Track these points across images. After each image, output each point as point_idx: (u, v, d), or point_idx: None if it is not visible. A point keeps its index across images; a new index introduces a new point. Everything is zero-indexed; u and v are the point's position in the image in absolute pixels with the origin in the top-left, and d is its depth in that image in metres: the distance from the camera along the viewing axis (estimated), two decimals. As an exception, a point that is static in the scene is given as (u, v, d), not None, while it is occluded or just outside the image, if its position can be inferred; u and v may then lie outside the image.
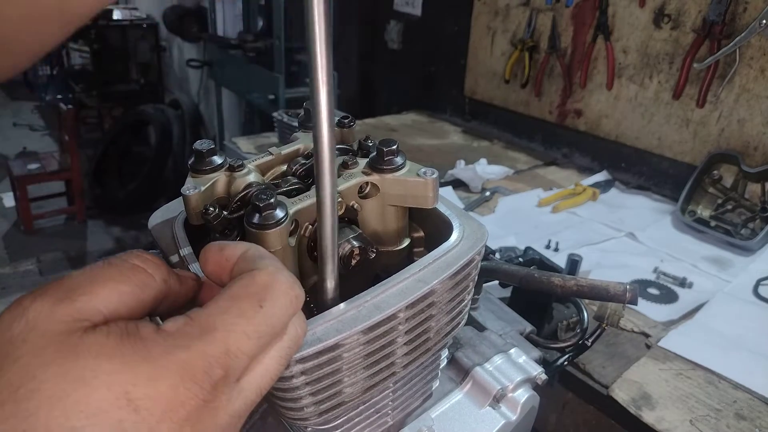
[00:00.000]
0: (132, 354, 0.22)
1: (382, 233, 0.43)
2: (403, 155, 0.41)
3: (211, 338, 0.24)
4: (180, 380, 0.22)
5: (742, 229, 1.36)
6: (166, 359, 0.22)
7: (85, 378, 0.21)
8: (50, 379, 0.21)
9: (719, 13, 1.38)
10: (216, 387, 0.23)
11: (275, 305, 0.26)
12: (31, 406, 0.20)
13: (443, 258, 0.38)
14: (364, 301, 0.34)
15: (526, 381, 0.54)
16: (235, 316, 0.25)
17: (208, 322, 0.24)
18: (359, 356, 0.34)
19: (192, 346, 0.23)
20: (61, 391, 0.20)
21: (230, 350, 0.24)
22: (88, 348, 0.22)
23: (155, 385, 0.22)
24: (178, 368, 0.23)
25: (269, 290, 0.26)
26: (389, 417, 0.45)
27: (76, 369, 0.21)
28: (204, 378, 0.23)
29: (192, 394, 0.23)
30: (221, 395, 0.24)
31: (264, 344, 0.26)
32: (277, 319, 0.26)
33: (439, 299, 0.38)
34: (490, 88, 2.13)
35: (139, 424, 0.21)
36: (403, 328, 0.36)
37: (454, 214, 0.42)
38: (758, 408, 0.85)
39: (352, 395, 0.36)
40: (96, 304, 0.24)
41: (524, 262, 0.95)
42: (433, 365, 0.47)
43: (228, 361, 0.24)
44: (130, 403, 0.21)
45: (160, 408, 0.22)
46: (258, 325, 0.25)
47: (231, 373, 0.24)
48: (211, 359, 0.23)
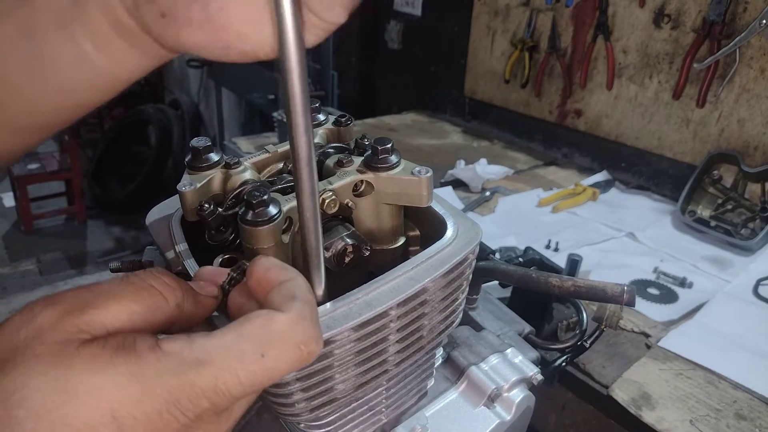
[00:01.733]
0: (123, 371, 0.22)
1: (377, 231, 0.43)
2: (398, 154, 0.41)
3: (204, 371, 0.24)
4: (165, 405, 0.23)
5: (742, 229, 1.35)
6: (155, 382, 0.23)
7: (76, 392, 0.21)
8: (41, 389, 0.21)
9: (719, 13, 1.38)
10: (200, 417, 0.24)
11: (279, 358, 0.25)
12: (20, 415, 0.21)
13: (436, 256, 0.38)
14: (356, 299, 0.33)
15: (521, 381, 0.53)
16: (233, 357, 0.24)
17: (204, 353, 0.24)
18: (350, 353, 0.34)
19: (183, 374, 0.23)
20: (51, 403, 0.21)
21: (218, 389, 0.24)
22: (81, 360, 0.22)
23: (141, 407, 0.22)
24: (165, 393, 0.23)
25: (280, 341, 0.25)
26: (383, 415, 0.45)
27: (68, 381, 0.21)
28: (188, 407, 0.23)
29: (174, 419, 0.23)
30: (203, 424, 0.24)
31: (254, 392, 0.25)
32: (276, 372, 0.25)
33: (432, 297, 0.38)
34: (490, 88, 2.13)
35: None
36: (395, 325, 0.36)
37: (449, 213, 0.42)
38: (758, 408, 0.84)
39: (343, 392, 0.36)
40: (103, 319, 0.24)
41: (524, 262, 0.95)
42: (427, 364, 0.47)
43: (215, 397, 0.24)
44: (114, 421, 0.22)
45: (142, 429, 0.22)
46: (253, 374, 0.24)
47: (216, 407, 0.24)
48: (198, 391, 0.23)
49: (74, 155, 3.57)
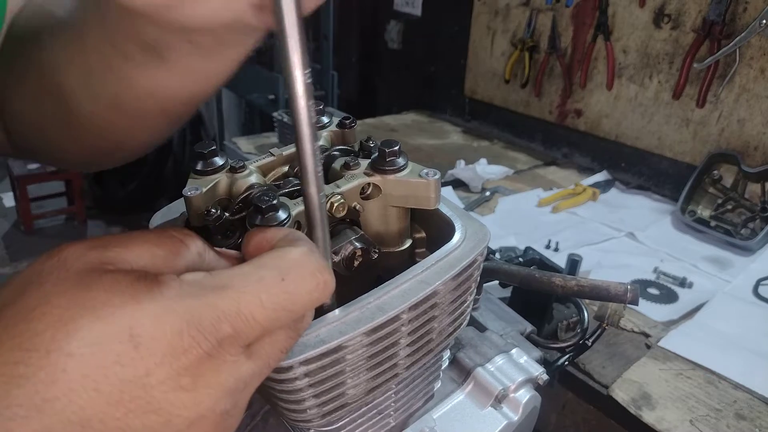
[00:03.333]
0: (144, 293, 0.22)
1: (384, 234, 0.43)
2: (405, 156, 0.41)
3: (225, 294, 0.23)
4: (186, 326, 0.22)
5: (742, 229, 1.36)
6: (175, 303, 0.22)
7: (94, 308, 0.21)
8: (62, 306, 0.21)
9: (719, 13, 1.39)
10: (222, 343, 0.23)
11: (298, 284, 0.25)
12: (39, 327, 0.21)
13: (446, 259, 0.38)
14: (367, 303, 0.34)
15: (527, 381, 0.54)
16: (253, 281, 0.24)
17: (225, 280, 0.24)
18: (362, 358, 0.34)
19: (204, 297, 0.23)
20: (69, 318, 0.21)
21: (241, 311, 0.23)
22: (103, 283, 0.22)
23: (160, 326, 0.22)
24: (185, 314, 0.22)
25: (296, 267, 0.25)
26: (391, 418, 0.46)
27: (87, 299, 0.22)
28: (210, 330, 0.23)
29: (195, 343, 0.22)
30: (226, 354, 0.23)
31: (277, 319, 0.25)
32: (298, 297, 0.25)
33: (442, 300, 0.38)
34: (490, 88, 2.13)
35: (137, 361, 0.21)
36: (406, 329, 0.36)
37: (456, 215, 0.42)
38: (758, 408, 0.85)
39: (355, 396, 0.36)
40: (126, 256, 0.24)
41: (524, 262, 0.95)
42: (435, 366, 0.47)
43: (238, 322, 0.23)
44: (132, 339, 0.21)
45: (161, 350, 0.22)
46: (275, 296, 0.24)
47: (240, 336, 0.23)
48: (220, 313, 0.23)
49: (73, 155, 3.56)
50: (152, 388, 0.21)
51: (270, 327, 0.25)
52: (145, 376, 0.21)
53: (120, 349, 0.21)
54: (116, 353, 0.21)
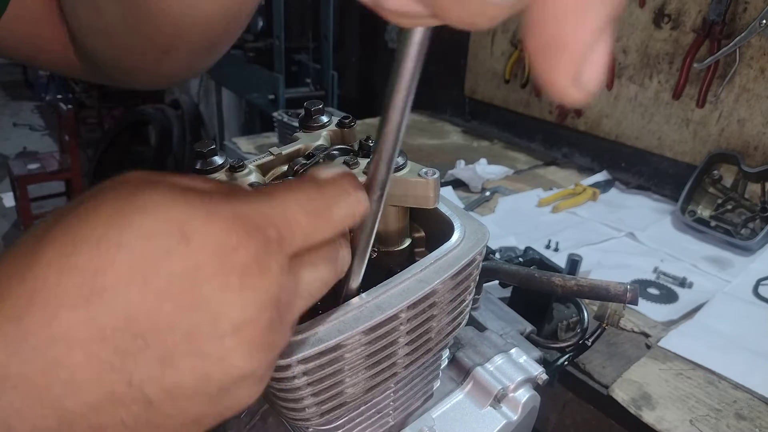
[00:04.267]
0: (195, 197, 0.23)
1: (383, 233, 0.43)
2: (404, 155, 0.41)
3: (271, 201, 0.24)
4: (234, 226, 0.23)
5: (742, 229, 1.36)
6: (224, 206, 0.23)
7: (146, 206, 0.22)
8: (117, 205, 0.22)
9: (719, 13, 1.38)
10: (268, 246, 0.23)
11: (335, 194, 0.26)
12: (93, 222, 0.21)
13: (445, 258, 0.38)
14: (366, 302, 0.34)
15: (527, 381, 0.54)
16: (296, 191, 0.25)
17: (269, 190, 0.25)
18: (361, 356, 0.34)
19: (251, 203, 0.24)
20: (122, 214, 0.22)
21: (287, 216, 0.24)
22: (158, 187, 0.23)
23: (210, 224, 0.22)
24: (234, 216, 0.23)
25: (332, 181, 0.27)
26: (390, 417, 0.46)
27: (141, 200, 0.22)
28: (257, 232, 0.23)
29: (244, 243, 0.23)
30: (272, 259, 0.24)
31: (317, 227, 0.26)
32: (335, 206, 0.26)
33: (441, 299, 0.38)
34: (490, 88, 2.13)
35: (187, 255, 0.21)
36: (405, 328, 0.36)
37: (455, 215, 0.42)
38: (758, 408, 0.85)
39: (353, 396, 0.36)
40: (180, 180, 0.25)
41: (524, 262, 0.95)
42: (434, 365, 0.47)
43: (283, 225, 0.24)
44: (183, 235, 0.22)
45: (210, 247, 0.22)
46: (315, 202, 0.25)
47: (284, 241, 0.24)
48: (267, 218, 0.24)
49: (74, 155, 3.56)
50: (201, 283, 0.22)
51: (311, 235, 0.25)
52: (194, 270, 0.22)
53: (171, 244, 0.21)
54: (167, 247, 0.21)
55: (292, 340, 0.31)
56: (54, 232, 0.22)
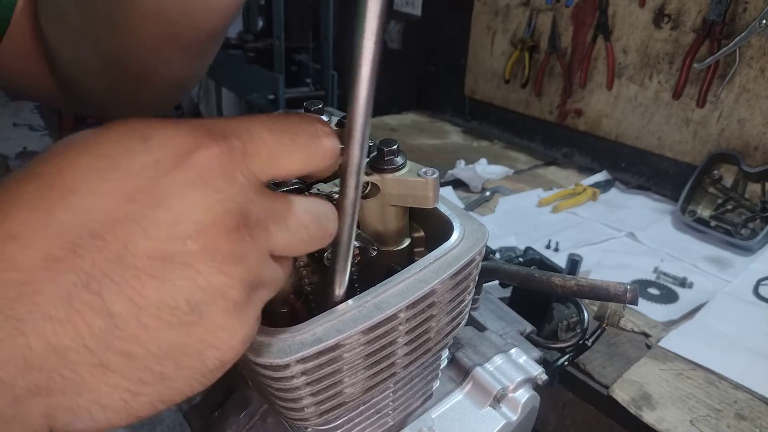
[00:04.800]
0: (160, 119, 0.24)
1: (383, 233, 0.43)
2: (404, 155, 0.41)
3: (236, 118, 0.25)
4: (194, 131, 0.23)
5: (743, 229, 1.36)
6: (188, 122, 0.24)
7: (111, 126, 0.23)
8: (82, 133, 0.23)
9: (719, 13, 1.38)
10: (232, 153, 0.23)
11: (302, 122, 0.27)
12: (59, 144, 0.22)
13: (444, 258, 0.38)
14: (365, 301, 0.34)
15: (526, 381, 0.54)
16: (260, 115, 0.26)
17: (234, 116, 0.26)
18: (360, 356, 0.34)
19: (212, 120, 0.25)
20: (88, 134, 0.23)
21: (250, 131, 0.24)
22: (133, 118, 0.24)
23: (169, 129, 0.23)
24: (196, 125, 0.23)
25: (298, 116, 0.28)
26: (390, 417, 0.45)
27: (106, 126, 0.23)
28: (220, 138, 0.23)
29: (205, 144, 0.22)
30: (237, 168, 0.23)
31: (283, 144, 0.26)
32: (300, 130, 0.26)
33: (440, 299, 0.38)
34: (490, 88, 2.13)
35: (145, 152, 0.22)
36: (404, 328, 0.36)
37: (455, 214, 0.42)
38: (759, 408, 0.85)
39: (352, 395, 0.36)
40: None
41: (524, 262, 0.95)
42: (433, 365, 0.47)
43: (248, 137, 0.24)
44: (143, 137, 0.22)
45: (170, 144, 0.22)
46: (281, 125, 0.26)
47: (249, 153, 0.24)
48: (227, 129, 0.24)
49: (73, 155, 3.56)
50: (159, 179, 0.21)
51: (276, 154, 0.25)
52: (153, 166, 0.21)
53: (130, 144, 0.22)
54: (126, 147, 0.22)
55: (291, 340, 0.31)
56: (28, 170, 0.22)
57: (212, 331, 0.22)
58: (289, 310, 0.38)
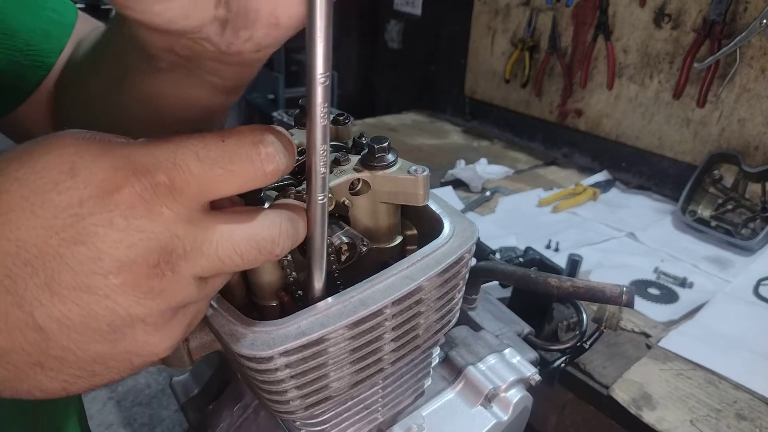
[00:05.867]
0: (94, 141, 0.24)
1: (374, 230, 0.43)
2: (395, 152, 0.41)
3: (163, 145, 0.24)
4: (121, 165, 0.23)
5: (743, 229, 1.35)
6: (117, 147, 0.24)
7: (48, 145, 0.23)
8: (20, 147, 0.23)
9: (719, 13, 1.38)
10: (157, 189, 0.23)
11: (237, 145, 0.25)
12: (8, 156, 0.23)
13: (432, 255, 0.38)
14: (350, 297, 0.33)
15: (519, 381, 0.53)
16: (195, 139, 0.25)
17: (167, 138, 0.25)
18: (345, 351, 0.34)
19: (144, 147, 0.24)
20: (24, 152, 0.23)
21: (177, 162, 0.24)
22: (62, 134, 0.24)
23: (99, 162, 0.23)
24: (123, 157, 0.23)
25: (239, 133, 0.26)
26: (379, 414, 0.45)
27: (43, 142, 0.23)
28: (145, 172, 0.23)
29: (129, 183, 0.23)
30: (162, 204, 0.23)
31: (214, 176, 0.24)
32: (236, 157, 0.25)
33: (428, 296, 0.38)
34: (490, 87, 2.13)
35: (72, 190, 0.22)
36: (390, 324, 0.36)
37: (445, 212, 0.42)
38: (759, 408, 0.84)
39: (339, 390, 0.36)
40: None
41: (524, 262, 0.95)
42: (424, 363, 0.47)
43: (173, 171, 0.24)
44: (71, 170, 0.22)
45: (95, 182, 0.22)
46: (212, 151, 0.24)
47: (174, 187, 0.24)
48: (155, 160, 0.24)
49: (76, 156, 3.57)
50: (83, 218, 0.22)
51: (208, 186, 0.25)
52: (78, 205, 0.22)
53: (59, 178, 0.22)
54: (55, 181, 0.22)
55: (275, 333, 0.31)
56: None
57: (136, 345, 0.25)
58: (278, 304, 0.38)
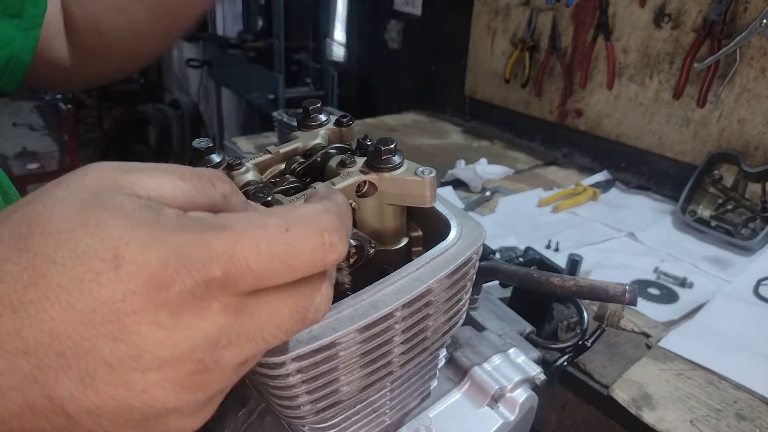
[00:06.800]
0: (141, 220, 0.21)
1: (380, 232, 0.43)
2: (401, 154, 0.41)
3: (222, 234, 0.22)
4: (173, 258, 0.21)
5: (743, 229, 1.35)
6: (169, 234, 0.21)
7: (88, 223, 0.21)
8: (63, 216, 0.21)
9: (719, 13, 1.38)
10: (209, 286, 0.21)
11: (302, 238, 0.23)
12: (36, 231, 0.21)
13: (440, 257, 0.38)
14: (361, 300, 0.33)
15: (524, 381, 0.53)
16: (254, 227, 0.23)
17: (227, 221, 0.23)
18: (356, 355, 0.34)
19: (199, 233, 0.22)
20: (64, 228, 0.21)
21: (235, 255, 0.22)
22: (109, 203, 0.22)
23: (145, 253, 0.21)
24: (175, 246, 0.21)
25: (303, 221, 0.23)
26: (387, 416, 0.45)
27: (88, 215, 0.21)
28: (198, 267, 0.21)
29: (180, 279, 0.21)
30: (213, 299, 0.22)
31: (274, 271, 0.23)
32: (299, 251, 0.23)
33: (437, 298, 0.38)
34: (490, 87, 2.13)
35: (115, 283, 0.20)
36: (400, 327, 0.36)
37: (452, 214, 0.42)
38: (759, 408, 0.85)
39: (349, 394, 0.36)
40: (146, 183, 0.23)
41: (524, 262, 0.95)
42: (431, 365, 0.47)
43: (230, 265, 0.21)
44: (114, 260, 0.20)
45: (141, 278, 0.20)
46: (274, 245, 0.22)
47: (229, 282, 0.22)
48: (212, 253, 0.21)
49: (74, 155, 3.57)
50: (126, 316, 0.20)
51: (265, 279, 0.23)
52: (120, 301, 0.20)
53: (100, 268, 0.20)
54: (96, 271, 0.20)
55: None
56: (3, 228, 0.22)
57: (167, 429, 0.24)
58: None
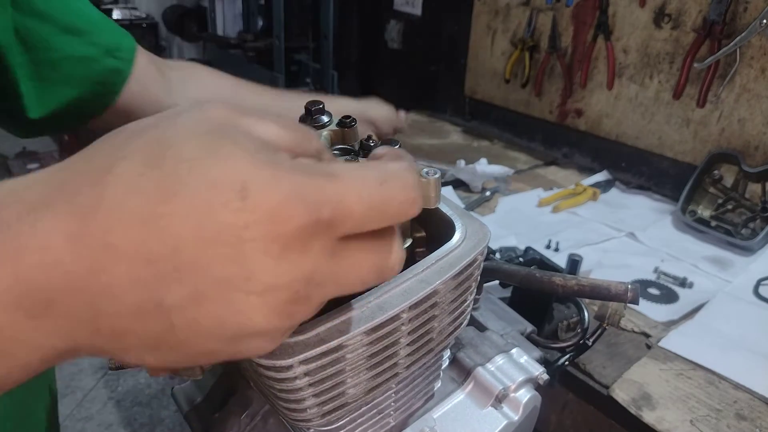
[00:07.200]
0: (264, 158, 0.23)
1: (384, 233, 0.43)
2: None
3: (332, 182, 0.24)
4: (292, 195, 0.23)
5: (743, 229, 1.36)
6: (288, 174, 0.23)
7: (218, 155, 0.23)
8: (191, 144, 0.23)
9: (720, 13, 1.38)
10: (317, 226, 0.23)
11: (394, 192, 0.26)
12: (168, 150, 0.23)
13: (446, 258, 0.38)
14: (367, 302, 0.34)
15: (528, 381, 0.54)
16: (358, 178, 0.25)
17: (334, 169, 0.25)
18: (362, 357, 0.34)
19: (314, 177, 0.24)
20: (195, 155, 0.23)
21: (343, 201, 0.24)
22: (234, 137, 0.23)
23: (269, 189, 0.22)
24: (295, 185, 0.23)
25: (396, 177, 0.26)
26: (391, 418, 0.45)
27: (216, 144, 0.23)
28: (313, 208, 0.23)
29: (297, 215, 0.23)
30: (317, 240, 0.24)
31: (370, 218, 0.25)
32: (391, 203, 0.26)
33: (442, 299, 0.38)
34: (490, 87, 2.13)
35: (240, 211, 0.22)
36: (406, 328, 0.36)
37: (457, 215, 0.42)
38: (759, 408, 0.85)
39: (355, 396, 0.36)
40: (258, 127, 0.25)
41: (525, 262, 0.95)
42: (435, 366, 0.47)
43: (337, 210, 0.24)
44: (243, 191, 0.22)
45: (263, 210, 0.22)
46: (373, 195, 0.25)
47: (334, 224, 0.24)
48: (325, 196, 0.23)
49: (73, 154, 3.56)
50: (245, 242, 0.22)
51: (361, 225, 0.25)
52: (243, 228, 0.22)
53: (230, 196, 0.22)
54: (226, 197, 0.22)
55: (293, 341, 0.31)
56: (135, 144, 0.23)
57: (247, 349, 0.26)
58: None
